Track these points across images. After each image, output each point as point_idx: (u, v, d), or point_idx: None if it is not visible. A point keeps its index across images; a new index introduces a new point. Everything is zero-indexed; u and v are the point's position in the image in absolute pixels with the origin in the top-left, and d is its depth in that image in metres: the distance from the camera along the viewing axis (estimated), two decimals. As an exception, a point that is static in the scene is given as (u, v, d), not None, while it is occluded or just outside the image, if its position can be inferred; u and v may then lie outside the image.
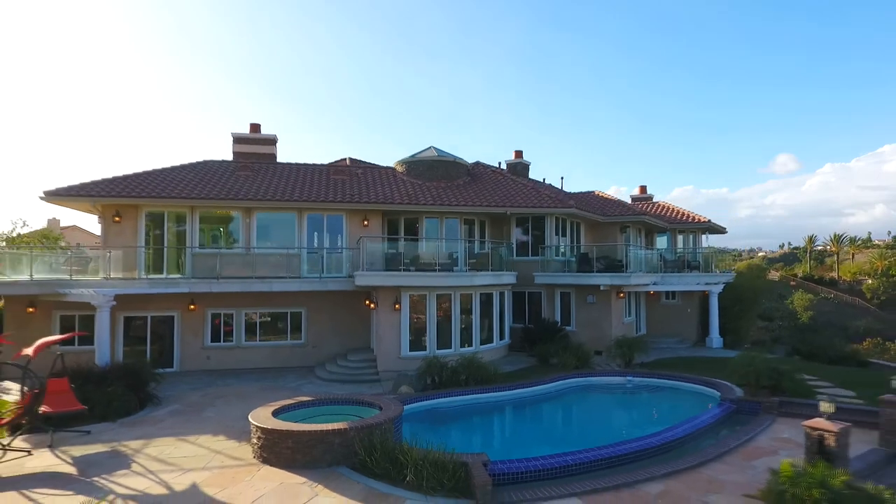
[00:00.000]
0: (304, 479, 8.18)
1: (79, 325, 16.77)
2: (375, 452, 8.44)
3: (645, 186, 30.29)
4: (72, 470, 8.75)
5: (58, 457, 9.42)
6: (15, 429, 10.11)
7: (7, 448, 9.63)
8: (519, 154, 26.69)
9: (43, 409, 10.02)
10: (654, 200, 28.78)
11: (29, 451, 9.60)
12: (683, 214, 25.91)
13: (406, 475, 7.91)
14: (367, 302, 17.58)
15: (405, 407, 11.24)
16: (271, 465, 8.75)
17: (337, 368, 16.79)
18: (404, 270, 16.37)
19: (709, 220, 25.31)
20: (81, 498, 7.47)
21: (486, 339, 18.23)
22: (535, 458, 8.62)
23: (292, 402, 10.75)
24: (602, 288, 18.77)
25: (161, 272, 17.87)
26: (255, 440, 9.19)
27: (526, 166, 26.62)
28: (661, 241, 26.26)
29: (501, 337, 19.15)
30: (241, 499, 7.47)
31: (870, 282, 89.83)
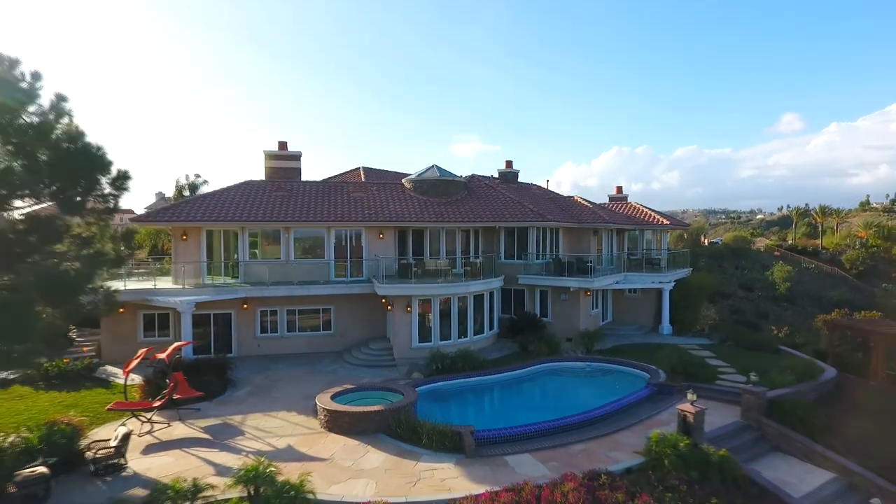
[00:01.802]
0: (357, 442, 12.93)
1: (158, 323, 21.39)
2: (402, 425, 13.18)
3: (621, 187, 34.53)
4: (206, 436, 13.49)
5: (189, 427, 14.16)
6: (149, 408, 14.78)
7: (151, 421, 14.37)
8: (509, 164, 30.82)
9: (176, 395, 14.69)
10: (629, 201, 32.95)
11: (169, 423, 14.34)
12: (649, 216, 30.15)
13: (423, 439, 12.65)
14: (384, 302, 22.09)
15: (420, 387, 16.05)
16: (334, 433, 13.49)
17: (361, 355, 21.51)
18: (414, 280, 20.89)
19: (670, 223, 29.61)
20: (227, 454, 12.19)
21: (479, 330, 22.92)
22: (504, 428, 13.36)
23: (342, 389, 15.48)
24: (571, 289, 23.35)
25: (220, 276, 22.46)
26: (321, 416, 13.93)
27: (515, 174, 30.79)
28: (636, 235, 30.56)
29: (491, 327, 23.84)
30: (324, 453, 12.22)
31: (850, 252, 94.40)
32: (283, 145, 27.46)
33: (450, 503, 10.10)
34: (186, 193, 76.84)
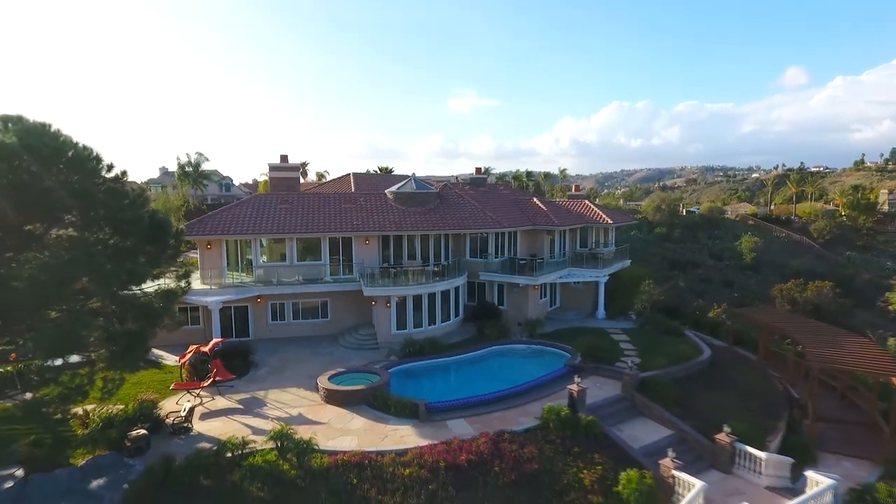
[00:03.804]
0: (347, 411, 18.75)
1: (190, 316, 26.91)
2: (378, 399, 18.98)
3: (579, 185, 39.65)
4: (240, 407, 19.29)
5: (228, 400, 19.95)
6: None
7: (201, 396, 20.12)
8: (479, 171, 35.99)
9: (218, 378, 20.42)
10: (585, 201, 38.03)
11: (213, 398, 20.11)
12: (598, 215, 35.40)
13: (391, 409, 18.47)
14: (369, 298, 27.60)
15: (392, 369, 21.89)
16: (331, 405, 19.30)
17: (352, 339, 27.25)
18: (392, 282, 26.44)
19: (613, 221, 34.95)
20: (258, 420, 17.99)
21: (446, 318, 28.62)
22: (449, 400, 19.18)
23: (335, 372, 21.24)
24: (521, 284, 28.97)
25: (237, 273, 27.96)
26: (321, 393, 19.74)
27: (484, 179, 36.02)
28: (586, 232, 35.93)
29: (457, 315, 29.55)
30: (323, 419, 18.04)
31: (818, 222, 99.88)
32: (284, 158, 32.53)
33: (405, 451, 15.92)
34: (189, 170, 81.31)
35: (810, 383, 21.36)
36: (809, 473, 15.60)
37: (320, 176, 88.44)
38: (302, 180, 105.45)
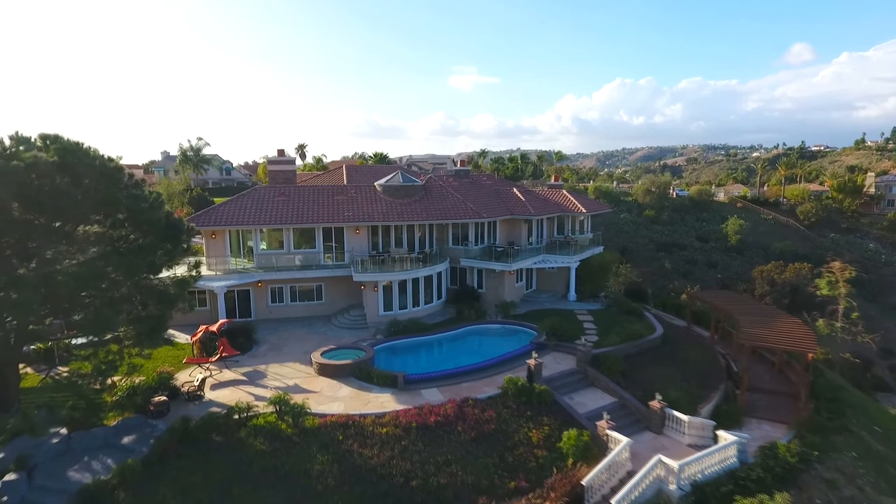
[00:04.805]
0: (336, 382, 21.81)
1: (198, 299, 29.84)
2: (363, 371, 22.02)
3: (559, 175, 42.23)
4: (245, 378, 22.36)
5: (234, 373, 23.00)
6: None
7: (210, 370, 23.16)
8: (463, 163, 38.53)
9: (225, 354, 23.45)
10: (563, 190, 40.58)
11: (220, 371, 23.16)
12: (573, 204, 38.07)
13: (374, 380, 21.52)
14: (359, 283, 30.51)
15: (378, 346, 24.92)
16: (323, 377, 22.35)
17: (344, 319, 30.23)
18: (379, 269, 29.31)
19: (587, 210, 37.64)
20: (260, 389, 21.05)
21: (429, 300, 31.58)
22: (424, 373, 22.24)
23: (327, 348, 24.25)
24: (497, 270, 31.85)
25: (239, 259, 30.84)
26: (315, 366, 22.78)
27: (467, 172, 38.54)
28: (563, 220, 38.65)
29: (439, 297, 32.51)
30: (316, 388, 21.11)
31: (804, 205, 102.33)
32: (281, 152, 35.20)
33: (384, 415, 18.97)
34: (190, 154, 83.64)
35: (744, 358, 24.37)
36: (720, 432, 18.68)
37: (318, 160, 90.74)
38: (301, 162, 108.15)
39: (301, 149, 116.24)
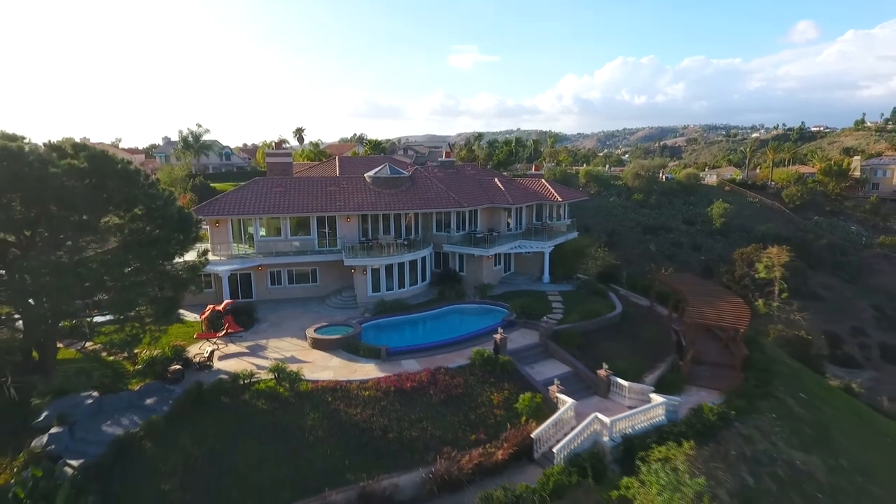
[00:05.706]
0: (328, 354, 25.03)
1: (204, 282, 32.92)
2: (351, 345, 25.23)
3: (540, 165, 44.95)
4: (247, 351, 25.58)
5: (238, 346, 26.21)
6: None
7: (217, 344, 26.35)
8: (448, 154, 41.27)
9: (229, 330, 26.64)
10: (542, 180, 43.32)
11: (226, 345, 26.37)
12: (550, 193, 40.91)
13: (360, 352, 24.74)
14: (349, 267, 33.57)
15: (366, 324, 28.11)
16: (316, 350, 25.55)
17: (336, 300, 33.38)
18: (368, 254, 32.36)
19: (562, 199, 40.50)
20: (261, 360, 24.27)
21: (414, 283, 34.68)
22: (405, 346, 25.47)
23: (320, 325, 27.43)
24: (475, 255, 34.91)
25: (241, 245, 33.89)
26: (310, 340, 25.99)
27: (452, 162, 41.35)
28: (541, 207, 41.52)
29: (424, 279, 35.62)
30: (309, 359, 24.33)
31: (790, 188, 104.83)
32: (279, 144, 38.06)
33: (367, 381, 22.18)
34: (190, 140, 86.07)
35: (689, 333, 27.56)
36: (652, 395, 21.92)
37: (315, 145, 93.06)
38: (299, 145, 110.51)
39: (299, 132, 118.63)
